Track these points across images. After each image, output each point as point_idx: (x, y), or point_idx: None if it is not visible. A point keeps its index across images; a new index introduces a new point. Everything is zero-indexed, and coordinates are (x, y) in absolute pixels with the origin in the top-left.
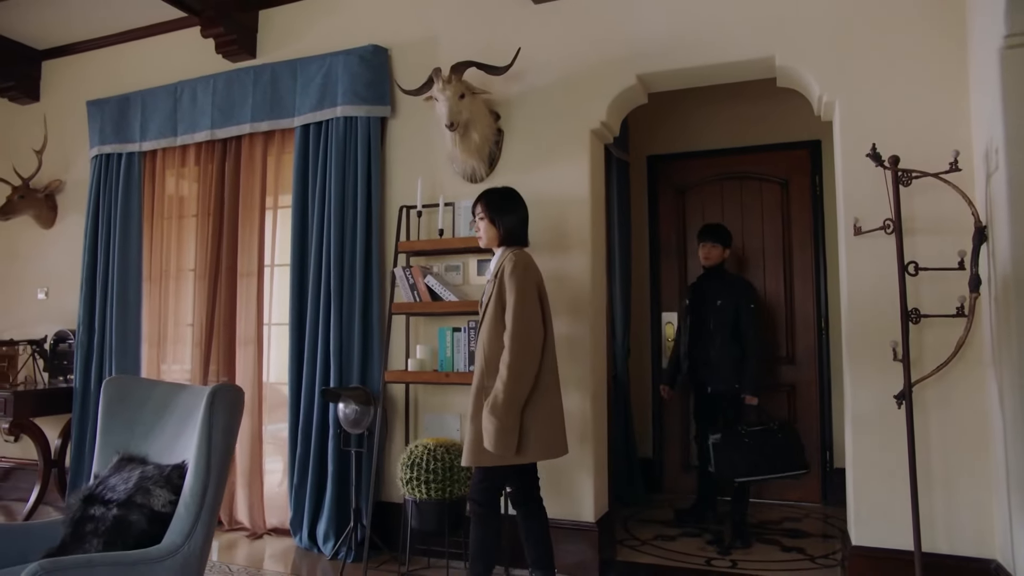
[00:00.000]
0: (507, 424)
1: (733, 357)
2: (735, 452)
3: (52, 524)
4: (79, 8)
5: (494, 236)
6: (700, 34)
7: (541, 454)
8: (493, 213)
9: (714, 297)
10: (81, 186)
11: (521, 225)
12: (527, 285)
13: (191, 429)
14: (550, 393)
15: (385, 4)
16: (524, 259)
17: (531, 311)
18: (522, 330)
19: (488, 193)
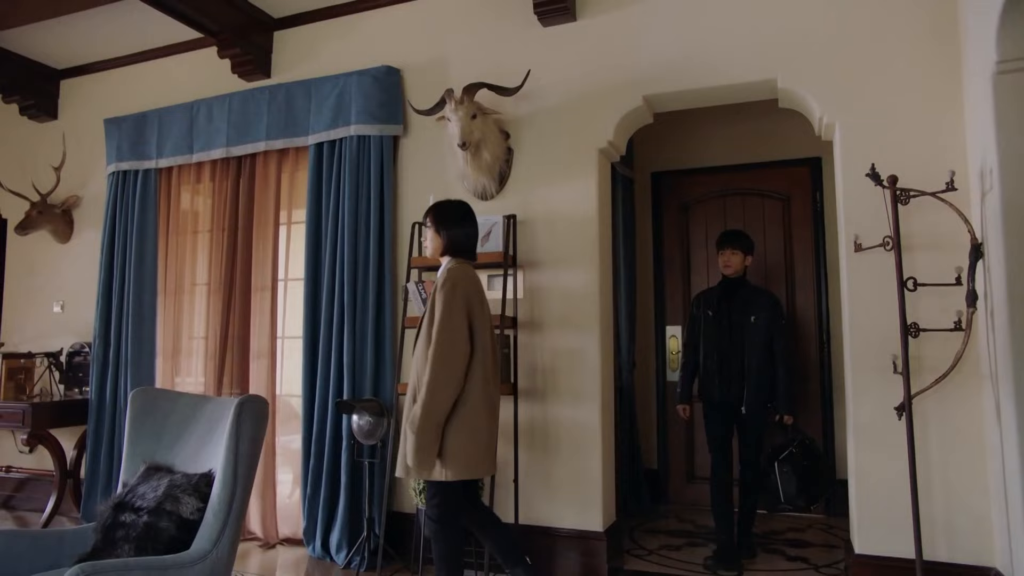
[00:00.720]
0: (422, 440)
1: (768, 375)
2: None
3: (83, 531)
4: (97, 28)
5: (438, 246)
6: (704, 57)
7: (460, 473)
8: (438, 224)
9: (747, 312)
10: (97, 202)
11: (465, 239)
12: (453, 301)
13: (216, 439)
14: (476, 411)
15: (397, 26)
16: (456, 274)
17: (454, 328)
18: (442, 347)
19: (438, 204)
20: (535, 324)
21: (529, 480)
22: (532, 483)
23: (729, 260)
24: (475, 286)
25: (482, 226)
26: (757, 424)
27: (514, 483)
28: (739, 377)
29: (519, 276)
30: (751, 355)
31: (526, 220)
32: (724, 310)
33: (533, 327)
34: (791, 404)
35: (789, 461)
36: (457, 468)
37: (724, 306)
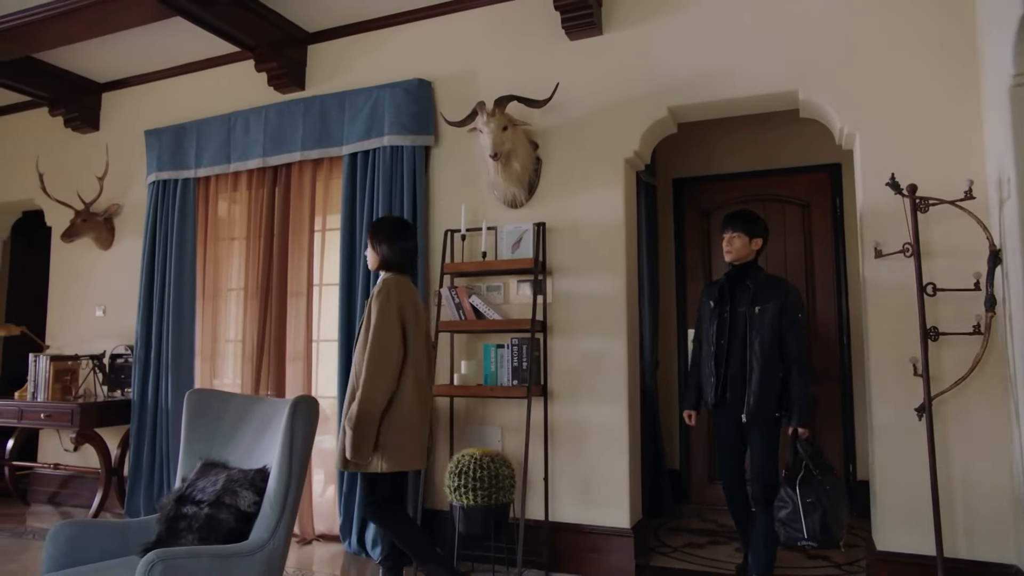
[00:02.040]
0: (360, 435)
1: (776, 378)
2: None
3: (146, 522)
4: (138, 44)
5: (376, 261)
6: (727, 69)
7: (395, 465)
8: (375, 240)
9: (749, 302)
10: (137, 210)
11: (401, 254)
12: (387, 309)
13: (269, 437)
14: (411, 409)
15: (428, 40)
16: (389, 284)
17: (387, 334)
18: (376, 351)
19: (376, 221)
20: (564, 328)
21: (558, 479)
22: (561, 482)
23: (730, 243)
24: (408, 296)
25: (512, 233)
26: (765, 435)
27: (544, 482)
28: (740, 378)
29: (548, 282)
30: (753, 352)
31: (555, 228)
32: (726, 300)
33: (562, 331)
34: (804, 414)
35: (812, 487)
36: (392, 461)
37: (727, 296)
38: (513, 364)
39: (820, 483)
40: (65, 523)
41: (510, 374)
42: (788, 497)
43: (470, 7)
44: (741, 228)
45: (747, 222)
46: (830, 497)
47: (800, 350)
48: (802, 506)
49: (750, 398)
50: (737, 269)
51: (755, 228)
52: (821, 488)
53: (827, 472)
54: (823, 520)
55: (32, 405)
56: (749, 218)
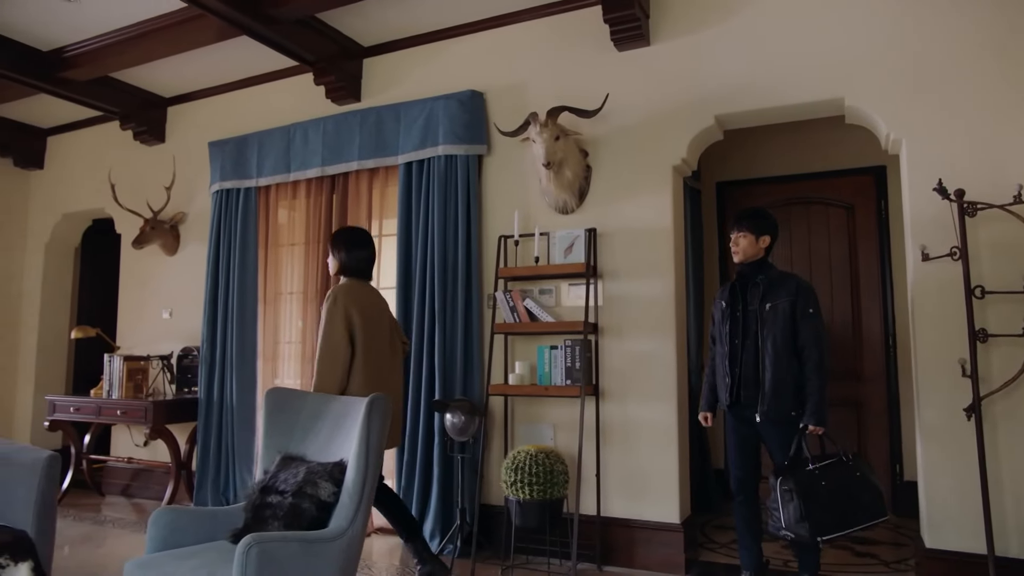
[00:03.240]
0: None
1: (790, 376)
2: (814, 502)
3: (232, 510)
4: (202, 60)
5: (335, 266)
6: (773, 77)
7: None
8: (334, 248)
9: (760, 299)
10: (201, 218)
11: (356, 261)
12: (333, 313)
13: (344, 432)
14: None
15: (479, 53)
16: (339, 291)
17: (333, 334)
18: (324, 351)
19: (336, 231)
20: (614, 330)
21: (610, 475)
22: (612, 478)
23: (736, 243)
24: (359, 300)
25: (565, 239)
26: (782, 435)
27: (596, 477)
28: (753, 378)
29: (599, 285)
30: (765, 351)
31: (605, 232)
32: (738, 300)
33: (613, 332)
34: (818, 411)
35: (796, 478)
36: None
37: (738, 295)
38: (566, 364)
39: (808, 475)
40: (164, 509)
41: (563, 374)
42: (771, 485)
43: (520, 20)
44: (747, 227)
45: (752, 220)
46: (817, 491)
47: (814, 346)
48: (779, 494)
49: (764, 397)
50: (747, 268)
51: (761, 226)
52: (808, 481)
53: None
54: (799, 511)
55: (109, 402)
56: (754, 216)
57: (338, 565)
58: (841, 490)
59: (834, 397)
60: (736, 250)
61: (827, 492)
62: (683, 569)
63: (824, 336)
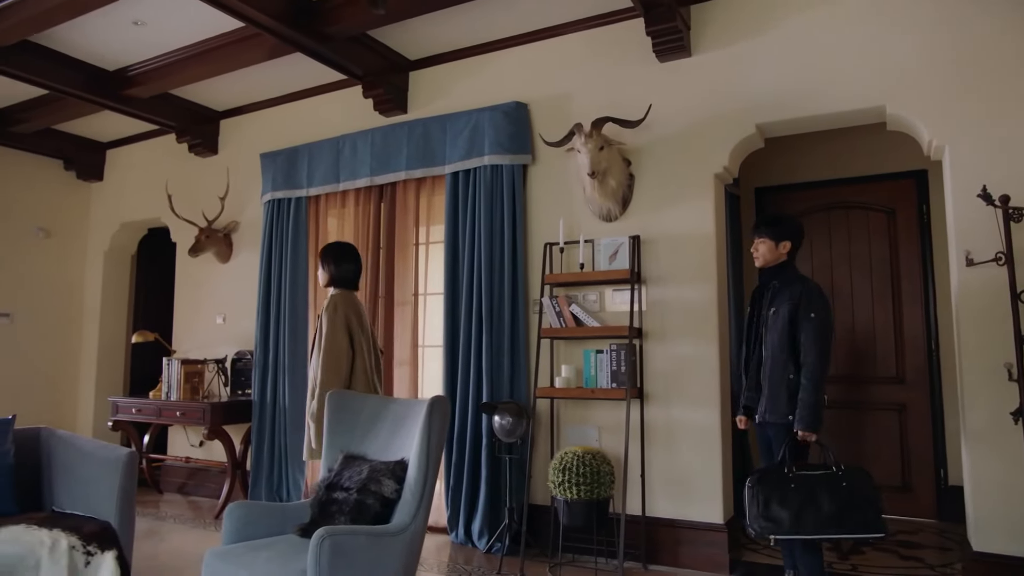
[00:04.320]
0: (319, 429)
1: (786, 380)
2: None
3: (299, 505)
4: (254, 76)
5: (325, 278)
6: (814, 86)
7: None
8: (323, 261)
9: (771, 304)
10: (253, 226)
11: (346, 273)
12: (335, 320)
13: (404, 433)
14: None
15: (523, 64)
16: (336, 300)
17: (336, 341)
18: (328, 356)
19: (326, 246)
20: (658, 334)
21: (654, 476)
22: (657, 479)
23: (756, 248)
24: (354, 308)
25: (609, 246)
26: (778, 440)
27: (641, 479)
28: (756, 382)
29: (643, 290)
30: (765, 355)
31: (648, 239)
32: (757, 305)
33: (656, 337)
34: (806, 418)
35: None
36: None
37: (758, 300)
38: (612, 368)
39: (778, 476)
40: (237, 503)
41: (609, 377)
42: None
43: (563, 33)
44: (766, 233)
45: (771, 226)
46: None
47: (809, 351)
48: (746, 491)
49: (762, 400)
50: (767, 273)
51: (781, 231)
52: (776, 481)
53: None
54: (761, 510)
55: (169, 404)
56: (773, 222)
57: (401, 558)
58: (809, 496)
59: (876, 400)
60: (756, 256)
61: (793, 495)
62: (727, 569)
63: (821, 341)
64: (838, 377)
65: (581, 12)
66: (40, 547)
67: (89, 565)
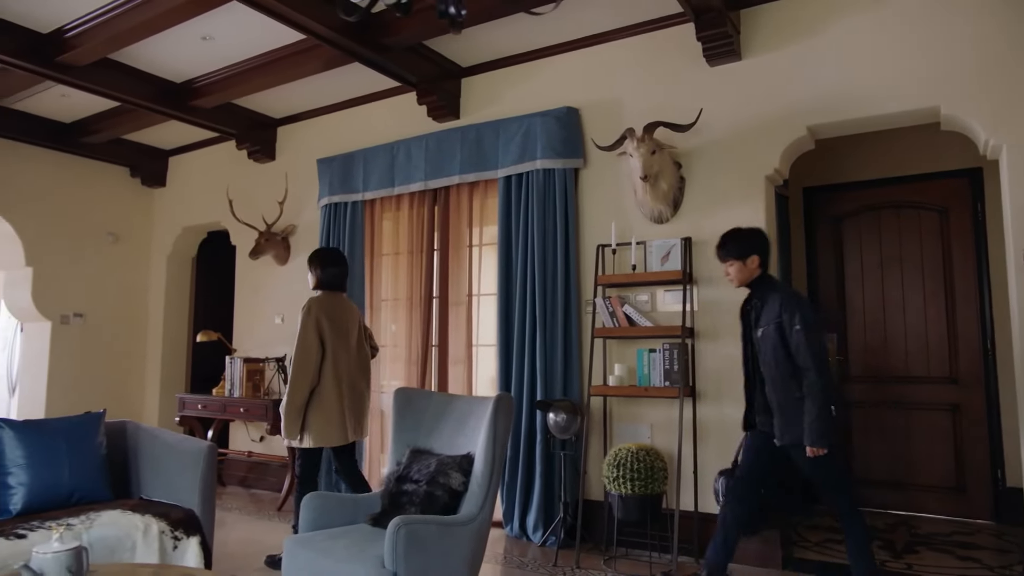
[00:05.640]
0: (288, 420)
1: (793, 399)
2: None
3: (369, 497)
4: (310, 84)
5: (313, 281)
6: (866, 87)
7: (317, 442)
8: (311, 266)
9: (757, 324)
10: (310, 229)
11: (331, 277)
12: (306, 322)
13: (469, 428)
14: (329, 399)
15: (574, 70)
16: (311, 303)
17: (306, 342)
18: (296, 356)
19: (314, 252)
20: (710, 334)
21: (707, 473)
22: (709, 475)
23: (727, 272)
24: (329, 310)
25: (661, 248)
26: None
27: (694, 475)
28: (764, 406)
29: (694, 291)
30: (767, 381)
31: (699, 241)
32: (747, 323)
33: (708, 336)
34: (813, 433)
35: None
36: (313, 438)
37: (745, 319)
38: (664, 367)
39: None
40: (314, 494)
41: (662, 376)
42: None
43: (614, 39)
44: (731, 254)
45: (732, 245)
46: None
47: (806, 365)
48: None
49: (777, 426)
50: (750, 288)
51: (743, 248)
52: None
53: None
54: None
55: (233, 400)
56: (732, 239)
57: (470, 547)
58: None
59: (927, 401)
60: (730, 279)
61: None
62: (780, 564)
63: (814, 350)
64: (888, 377)
65: (631, 18)
66: (135, 531)
67: (176, 549)
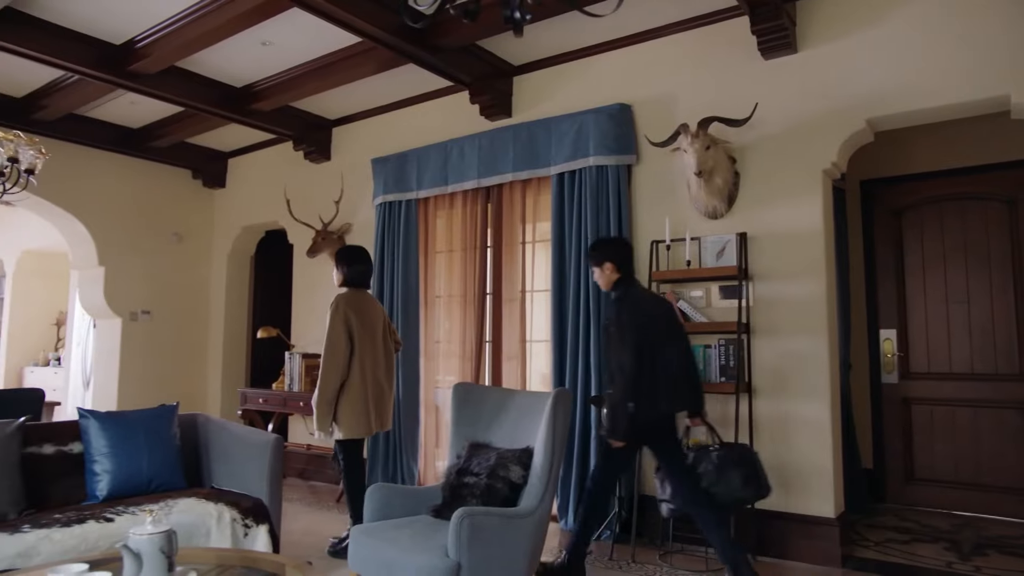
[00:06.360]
0: (319, 412)
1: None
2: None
3: (430, 489)
4: (364, 86)
5: (339, 278)
6: (929, 78)
7: (348, 434)
8: (338, 263)
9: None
10: (364, 228)
11: (357, 274)
12: (335, 318)
13: (528, 423)
14: (357, 392)
15: (626, 66)
16: (340, 299)
17: (334, 337)
18: (326, 351)
19: (339, 249)
20: (766, 329)
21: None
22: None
23: (594, 276)
24: (356, 306)
25: (716, 243)
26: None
27: None
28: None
29: (750, 287)
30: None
31: (754, 236)
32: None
33: (764, 332)
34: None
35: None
36: (344, 431)
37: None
38: (720, 362)
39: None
40: (377, 486)
41: (718, 371)
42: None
43: (666, 34)
44: (591, 261)
45: (594, 253)
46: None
47: (617, 364)
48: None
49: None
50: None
51: (597, 256)
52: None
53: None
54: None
55: (293, 395)
56: (594, 248)
57: (530, 539)
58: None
59: (995, 399)
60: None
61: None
62: (839, 563)
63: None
64: (952, 374)
65: (684, 13)
66: (209, 518)
67: (247, 536)
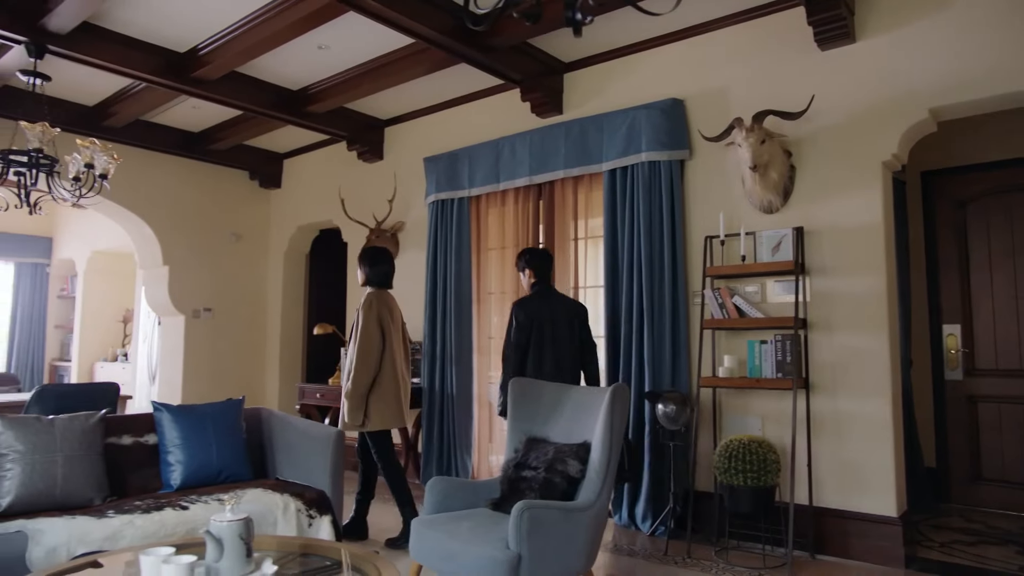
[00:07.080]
0: (352, 405)
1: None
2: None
3: (488, 482)
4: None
5: (362, 278)
6: (996, 65)
7: (378, 425)
8: (361, 264)
9: None
10: (417, 226)
11: (380, 275)
12: (368, 316)
13: (585, 418)
14: (387, 387)
15: (678, 61)
16: (371, 298)
17: (368, 334)
18: (361, 347)
19: (363, 250)
20: (823, 325)
21: (821, 466)
22: (824, 469)
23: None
24: (386, 306)
25: (772, 238)
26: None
27: (808, 468)
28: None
29: (807, 281)
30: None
31: (811, 231)
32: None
33: (822, 328)
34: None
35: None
36: (376, 423)
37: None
38: (776, 358)
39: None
40: (437, 479)
41: (774, 367)
42: None
43: (719, 27)
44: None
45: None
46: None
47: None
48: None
49: None
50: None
51: (520, 264)
52: None
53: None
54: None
55: None
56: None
57: (588, 532)
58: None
59: None
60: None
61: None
62: (903, 563)
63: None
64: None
65: (737, 6)
66: (276, 508)
67: (311, 526)
